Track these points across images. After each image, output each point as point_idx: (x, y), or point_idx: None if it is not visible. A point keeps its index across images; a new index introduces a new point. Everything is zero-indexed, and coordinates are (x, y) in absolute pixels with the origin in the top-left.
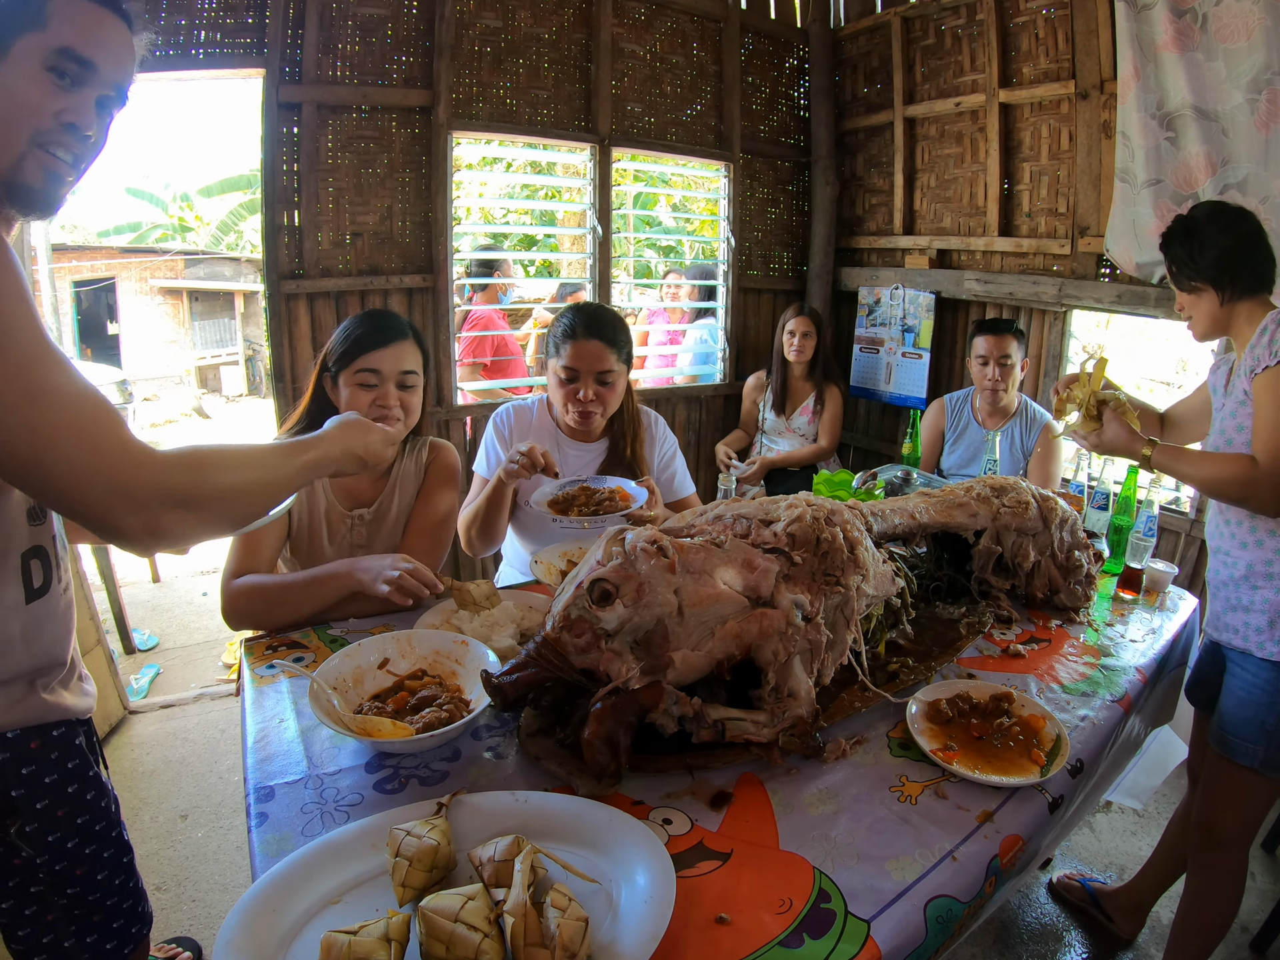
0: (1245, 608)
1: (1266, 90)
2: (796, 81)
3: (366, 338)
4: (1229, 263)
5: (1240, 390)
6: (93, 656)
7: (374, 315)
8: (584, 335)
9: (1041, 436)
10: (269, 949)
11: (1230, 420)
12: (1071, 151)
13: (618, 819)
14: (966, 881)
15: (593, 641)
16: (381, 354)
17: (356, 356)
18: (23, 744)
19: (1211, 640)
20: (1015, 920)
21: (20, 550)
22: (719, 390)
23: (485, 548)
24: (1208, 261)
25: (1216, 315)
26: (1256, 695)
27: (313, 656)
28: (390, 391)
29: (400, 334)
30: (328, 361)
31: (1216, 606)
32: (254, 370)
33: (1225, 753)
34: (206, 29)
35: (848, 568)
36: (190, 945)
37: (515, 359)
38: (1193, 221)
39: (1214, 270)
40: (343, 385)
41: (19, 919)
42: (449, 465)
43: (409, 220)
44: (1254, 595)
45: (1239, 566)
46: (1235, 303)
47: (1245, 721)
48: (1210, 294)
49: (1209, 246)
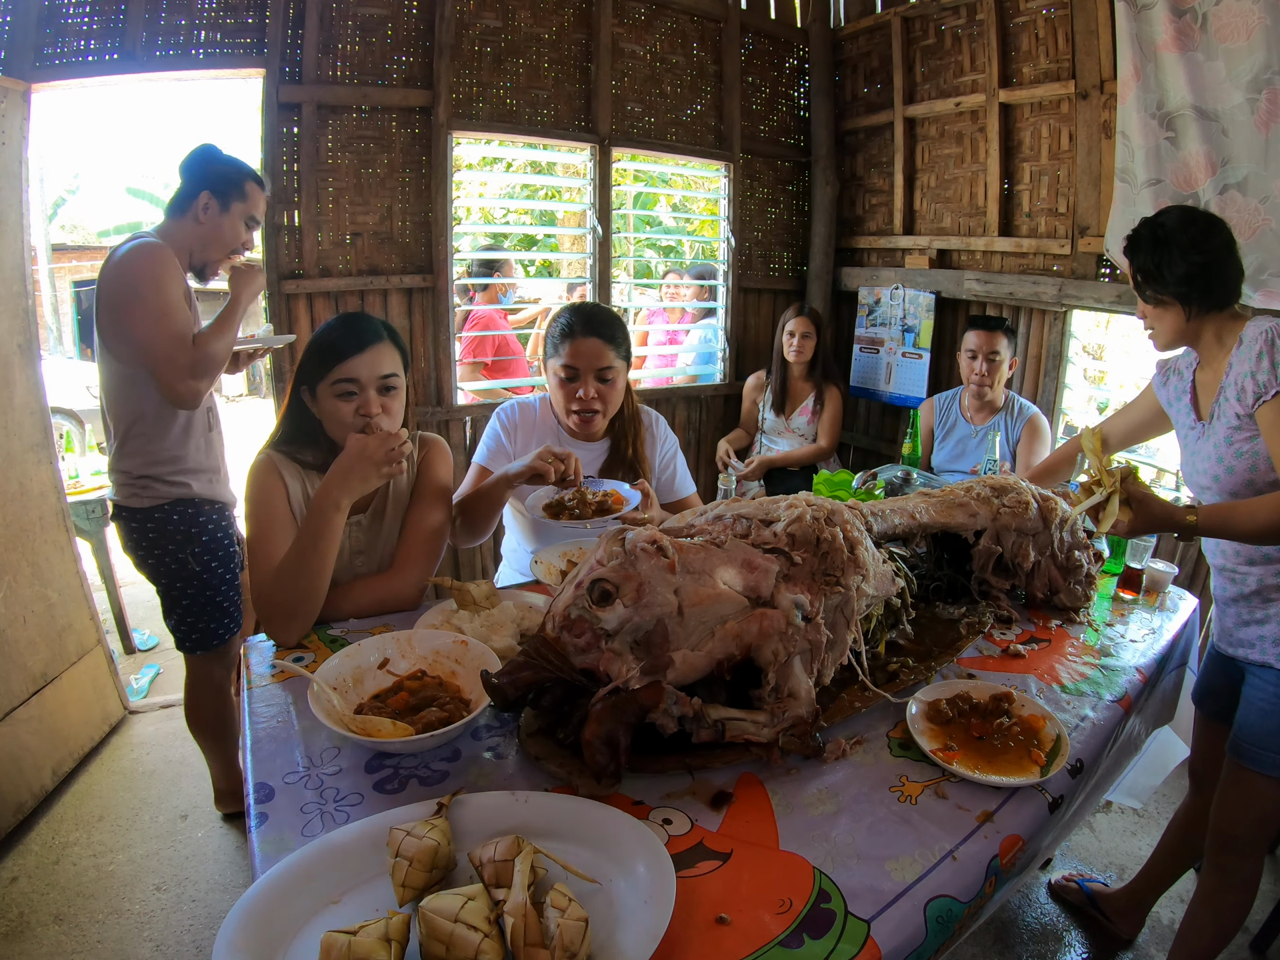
0: (1260, 621)
1: (1266, 90)
2: (796, 81)
3: (340, 346)
4: (1200, 280)
5: (1230, 415)
6: (92, 656)
7: (345, 320)
8: (582, 333)
9: (1026, 426)
10: (269, 949)
11: (1226, 448)
12: (1071, 151)
13: (618, 819)
14: (966, 882)
15: (593, 641)
16: (357, 361)
17: (332, 366)
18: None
19: (1223, 655)
20: (1015, 920)
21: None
22: (719, 390)
23: (467, 539)
24: (1177, 277)
25: (1182, 329)
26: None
27: (313, 656)
28: (371, 398)
29: (375, 336)
30: (303, 374)
31: (1227, 623)
32: (254, 370)
33: (1246, 763)
34: (206, 29)
35: (848, 568)
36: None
37: (516, 359)
38: (1163, 230)
39: (1183, 287)
40: (322, 397)
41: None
42: (442, 469)
43: (409, 220)
44: (1268, 609)
45: (1249, 583)
46: (1202, 317)
47: (1270, 734)
48: (1176, 309)
49: (1179, 262)
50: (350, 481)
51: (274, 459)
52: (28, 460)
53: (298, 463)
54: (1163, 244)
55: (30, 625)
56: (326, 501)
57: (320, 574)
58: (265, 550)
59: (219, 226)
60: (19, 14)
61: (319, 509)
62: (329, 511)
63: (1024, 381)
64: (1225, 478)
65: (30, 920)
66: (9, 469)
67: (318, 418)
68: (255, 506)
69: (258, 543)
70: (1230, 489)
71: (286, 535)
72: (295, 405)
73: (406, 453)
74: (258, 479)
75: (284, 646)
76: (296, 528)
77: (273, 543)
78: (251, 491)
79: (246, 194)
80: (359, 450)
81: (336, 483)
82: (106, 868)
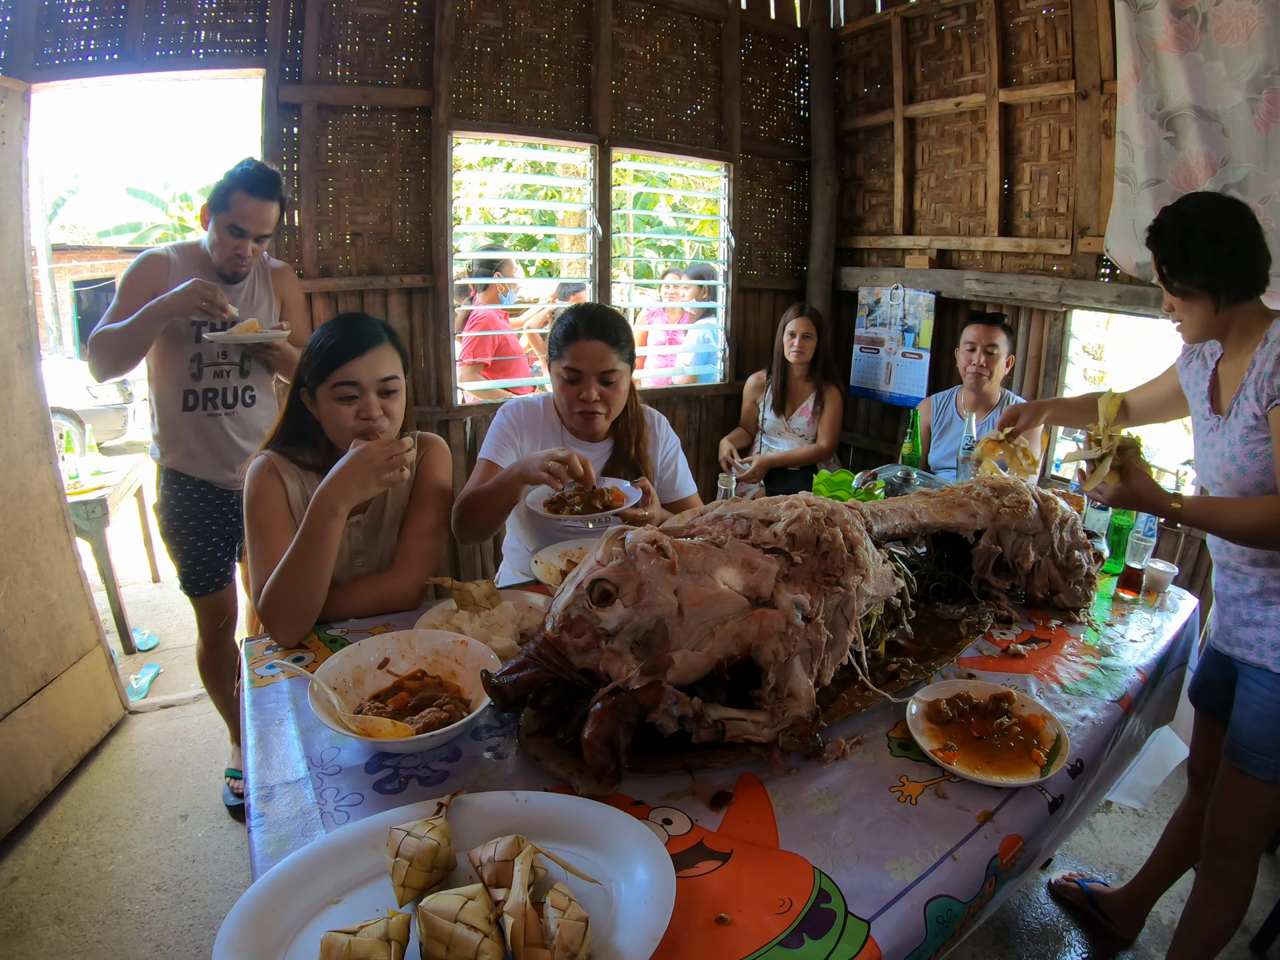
0: (1259, 623)
1: (1266, 90)
2: (796, 81)
3: (340, 348)
4: (1228, 267)
5: (1249, 414)
6: (92, 656)
7: (345, 322)
8: (585, 336)
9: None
10: (269, 949)
11: (1241, 446)
12: (1071, 151)
13: (618, 819)
14: (966, 882)
15: (593, 641)
16: (358, 364)
17: (333, 369)
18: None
19: (1221, 653)
20: (1015, 920)
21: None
22: (719, 390)
23: (473, 536)
24: (1204, 266)
25: (1210, 321)
26: (1275, 710)
27: (313, 656)
28: (372, 401)
29: (375, 339)
30: (303, 377)
31: (1226, 621)
32: None
33: (1241, 765)
34: (206, 29)
35: (848, 568)
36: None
37: (517, 359)
38: (1187, 219)
39: (1210, 276)
40: (322, 400)
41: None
42: (441, 469)
43: (409, 220)
44: (1268, 611)
45: (1251, 583)
46: (1230, 308)
47: (1265, 737)
48: (1205, 299)
49: (1205, 249)
50: (349, 487)
51: (273, 460)
52: (28, 460)
53: (296, 463)
54: (1188, 232)
55: (30, 625)
56: (324, 506)
57: (319, 577)
58: (264, 550)
59: (211, 236)
60: (19, 14)
61: (317, 513)
62: (326, 516)
63: (1024, 381)
64: (1237, 476)
65: (30, 920)
66: (9, 469)
67: (317, 419)
68: (254, 507)
69: (256, 542)
70: (1241, 488)
71: (285, 536)
72: (294, 406)
73: (409, 460)
74: (256, 480)
75: (284, 647)
76: (295, 528)
77: (271, 543)
78: (250, 492)
79: (229, 204)
80: (360, 456)
81: (335, 488)
82: (106, 868)
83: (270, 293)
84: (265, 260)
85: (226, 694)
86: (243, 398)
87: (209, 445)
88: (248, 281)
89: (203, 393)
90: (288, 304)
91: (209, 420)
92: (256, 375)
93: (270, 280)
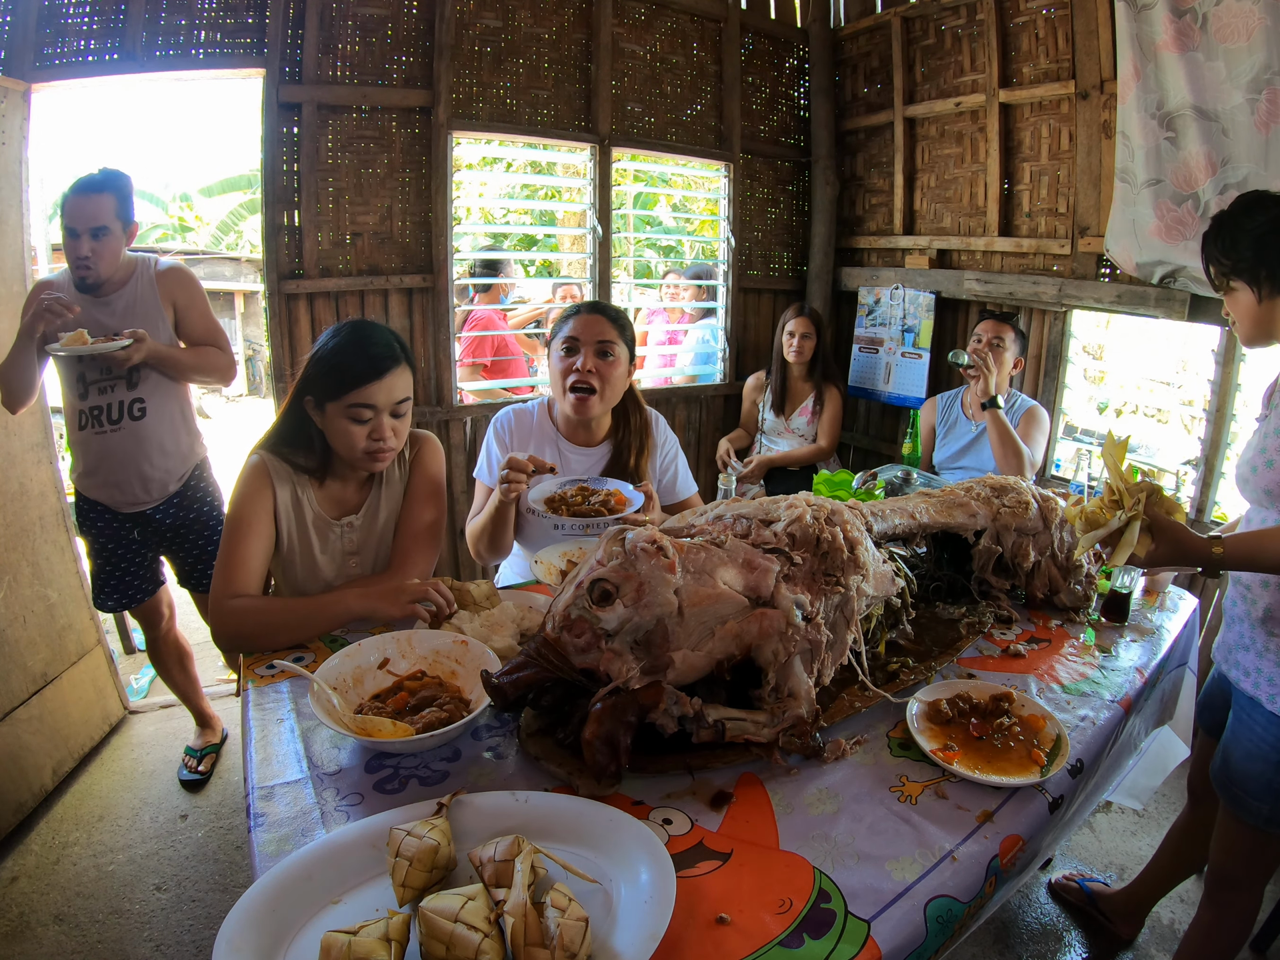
0: (1259, 651)
1: (1266, 90)
2: (796, 81)
3: (359, 371)
4: (1263, 253)
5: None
6: (92, 656)
7: (361, 341)
8: (587, 311)
9: (1024, 415)
10: (269, 949)
11: (1274, 439)
12: (1071, 151)
13: (618, 819)
14: (966, 882)
15: (593, 641)
16: (376, 387)
17: (349, 390)
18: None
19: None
20: (1015, 920)
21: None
22: (719, 390)
23: (494, 558)
24: (1240, 254)
25: (1256, 315)
26: (1265, 751)
27: (313, 656)
28: (385, 423)
29: (393, 361)
30: (310, 386)
31: (1229, 637)
32: (254, 370)
33: (1232, 806)
34: (206, 29)
35: (848, 568)
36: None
37: (516, 359)
38: (1224, 214)
39: (1246, 263)
40: (331, 415)
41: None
42: (434, 466)
43: (409, 220)
44: (1269, 641)
45: (1258, 606)
46: (1274, 299)
47: (1253, 777)
48: (1246, 291)
49: (1240, 237)
50: (372, 603)
51: (266, 462)
52: (28, 460)
53: (291, 465)
54: (1225, 225)
55: (30, 625)
56: (342, 608)
57: (295, 638)
58: (234, 551)
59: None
60: (19, 14)
61: (331, 609)
62: (339, 614)
63: (1024, 381)
64: (1264, 470)
65: (30, 920)
66: (9, 469)
67: (320, 428)
68: (236, 507)
69: (229, 539)
70: (1264, 485)
71: (260, 542)
72: (295, 410)
73: (436, 603)
74: (246, 481)
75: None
76: (273, 535)
77: (244, 545)
78: (236, 490)
79: (63, 211)
80: (399, 586)
81: (360, 601)
82: (106, 868)
83: (156, 296)
84: (150, 263)
85: (177, 680)
86: (130, 411)
87: (100, 464)
88: (129, 288)
89: (89, 410)
90: (179, 306)
91: (97, 439)
92: (149, 385)
93: (156, 284)
